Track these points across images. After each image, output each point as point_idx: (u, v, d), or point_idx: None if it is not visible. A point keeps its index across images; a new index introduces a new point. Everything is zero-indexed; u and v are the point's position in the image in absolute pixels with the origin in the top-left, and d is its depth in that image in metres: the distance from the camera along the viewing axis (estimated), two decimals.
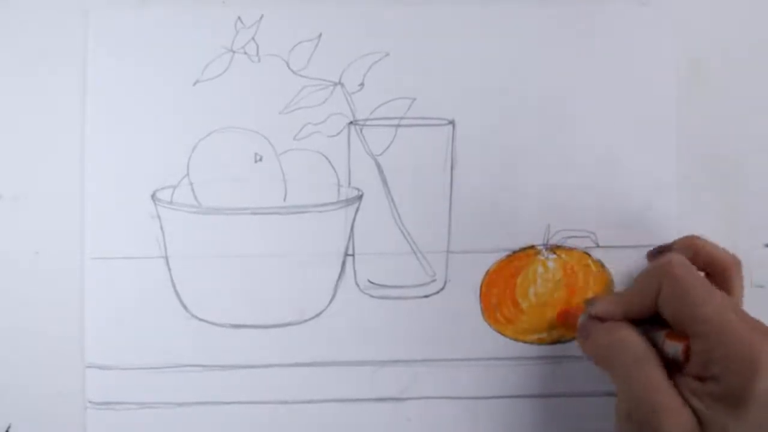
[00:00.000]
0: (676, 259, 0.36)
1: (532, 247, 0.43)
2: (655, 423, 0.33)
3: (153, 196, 0.43)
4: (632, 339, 0.36)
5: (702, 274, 0.37)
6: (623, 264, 0.43)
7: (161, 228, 0.42)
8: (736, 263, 0.38)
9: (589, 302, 0.39)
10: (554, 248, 0.43)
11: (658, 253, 0.41)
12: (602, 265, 0.43)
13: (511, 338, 0.43)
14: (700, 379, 0.33)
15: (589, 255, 0.43)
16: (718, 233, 0.43)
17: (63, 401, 0.42)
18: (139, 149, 0.43)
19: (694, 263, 0.36)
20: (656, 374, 0.34)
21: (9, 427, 0.42)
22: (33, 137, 0.43)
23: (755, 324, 0.33)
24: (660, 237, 0.43)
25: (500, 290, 0.43)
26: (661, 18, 0.44)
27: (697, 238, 0.39)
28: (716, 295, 0.34)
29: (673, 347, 0.35)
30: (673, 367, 0.35)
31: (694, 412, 0.33)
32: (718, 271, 0.38)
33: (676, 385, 0.34)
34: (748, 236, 0.44)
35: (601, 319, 0.38)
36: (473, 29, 0.43)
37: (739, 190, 0.44)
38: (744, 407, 0.32)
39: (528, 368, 0.43)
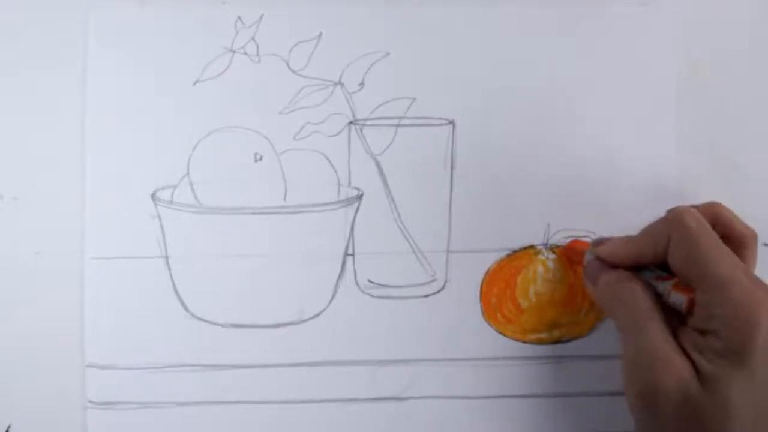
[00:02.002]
0: (689, 211, 0.36)
1: (532, 246, 0.43)
2: (655, 374, 0.34)
3: (153, 196, 0.43)
4: (637, 292, 0.36)
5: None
6: None
7: (161, 228, 0.42)
8: (754, 236, 0.38)
9: (596, 242, 0.40)
10: (554, 248, 0.43)
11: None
12: None
13: (511, 338, 0.43)
14: (702, 333, 0.34)
15: None
16: None
17: (63, 401, 0.42)
18: (139, 149, 0.43)
19: (712, 228, 0.36)
20: (659, 328, 0.35)
21: (9, 427, 0.42)
22: (33, 137, 0.43)
23: (761, 284, 0.34)
24: None
25: (500, 290, 0.43)
26: (661, 18, 0.44)
27: (719, 204, 0.39)
28: (726, 252, 0.34)
29: (679, 298, 0.35)
30: (675, 322, 0.35)
31: (694, 365, 0.33)
32: (735, 240, 0.37)
33: (677, 338, 0.35)
34: None
35: (606, 262, 0.38)
36: (473, 29, 0.43)
37: (738, 189, 0.44)
38: (744, 364, 0.32)
39: (528, 368, 0.43)
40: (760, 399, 0.32)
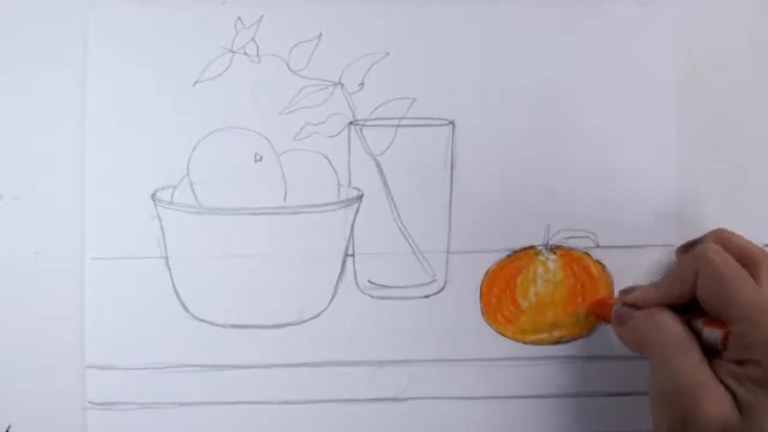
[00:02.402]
0: (713, 248, 0.36)
1: (532, 247, 0.43)
2: (694, 406, 0.33)
3: (153, 196, 0.43)
4: (672, 323, 0.36)
5: None
6: (623, 264, 0.43)
7: (161, 228, 0.42)
8: (765, 255, 0.38)
9: (624, 291, 0.40)
10: (554, 248, 0.43)
11: (687, 247, 0.41)
12: (602, 265, 0.43)
13: (511, 338, 0.43)
14: (740, 363, 0.34)
15: (589, 255, 0.43)
16: None
17: (63, 401, 0.42)
18: (139, 149, 0.43)
19: None
20: (697, 356, 0.35)
21: (9, 427, 0.42)
22: (33, 137, 0.43)
23: None
24: (660, 237, 0.43)
25: (500, 290, 0.43)
26: (661, 18, 0.44)
27: (726, 230, 0.39)
28: (751, 281, 0.35)
29: (712, 333, 0.35)
30: (710, 354, 0.35)
31: (733, 395, 0.33)
32: (748, 263, 0.37)
33: (714, 370, 0.34)
34: (748, 235, 0.44)
35: (636, 307, 0.38)
36: (473, 29, 0.43)
37: (739, 189, 0.44)
38: None
39: (528, 369, 0.43)
40: None
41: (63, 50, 0.43)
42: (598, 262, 0.43)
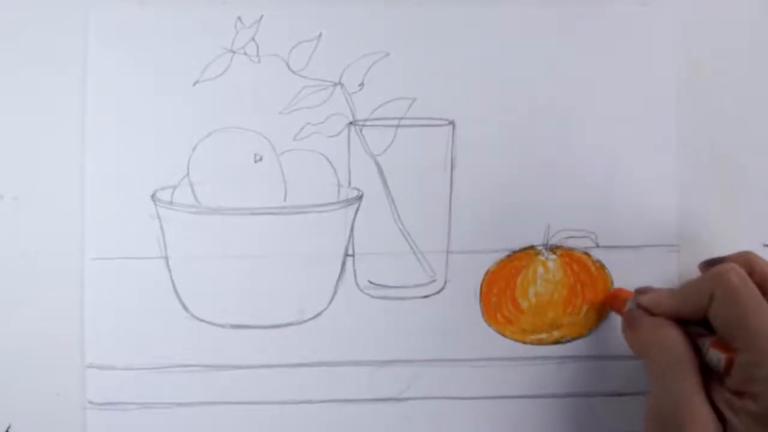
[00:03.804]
0: (734, 269, 0.35)
1: (532, 247, 0.43)
2: (678, 426, 0.33)
3: (153, 197, 0.43)
4: (676, 340, 0.35)
5: None
6: (623, 264, 0.43)
7: (161, 228, 0.42)
8: None
9: (640, 290, 0.39)
10: (554, 248, 0.43)
11: (711, 264, 0.40)
12: (602, 265, 0.43)
13: (510, 339, 0.43)
14: (739, 393, 0.33)
15: (589, 255, 0.43)
16: (719, 233, 0.44)
17: (63, 401, 0.42)
18: (139, 149, 0.43)
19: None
20: (692, 381, 0.34)
21: (9, 427, 0.42)
22: (33, 137, 0.43)
23: None
24: (660, 237, 0.43)
25: (500, 290, 0.43)
26: (661, 18, 0.44)
27: (753, 254, 0.38)
28: None
29: (717, 356, 0.34)
30: (712, 376, 0.34)
31: (727, 425, 0.33)
32: None
33: (711, 395, 0.34)
34: (748, 236, 0.44)
35: (649, 311, 0.38)
36: (473, 29, 0.43)
37: (739, 189, 0.44)
38: None
39: (528, 369, 0.43)
40: None
41: (63, 50, 0.43)
42: (598, 262, 0.43)
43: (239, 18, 0.43)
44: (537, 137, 0.43)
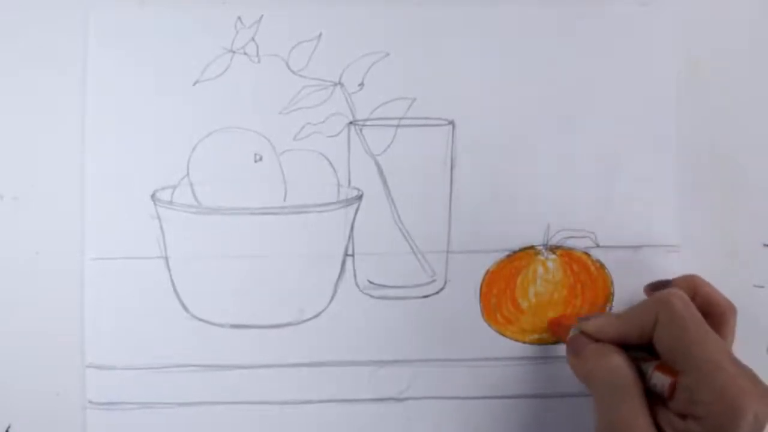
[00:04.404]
0: (677, 294, 0.36)
1: (532, 247, 0.43)
2: None
3: (153, 196, 0.43)
4: (620, 365, 0.35)
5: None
6: (623, 264, 0.43)
7: (161, 228, 0.42)
8: (732, 309, 0.38)
9: (583, 319, 0.39)
10: (554, 248, 0.43)
11: (656, 287, 0.41)
12: (602, 265, 0.43)
13: (510, 338, 0.43)
14: (683, 416, 0.33)
15: (589, 255, 0.43)
16: (718, 233, 0.44)
17: (63, 401, 0.42)
18: (139, 149, 0.43)
19: (691, 300, 0.36)
20: (637, 404, 0.34)
21: (9, 427, 0.43)
22: (33, 137, 0.43)
23: (745, 371, 0.33)
24: (660, 237, 0.43)
25: (500, 290, 0.43)
26: (661, 18, 0.44)
27: (698, 277, 0.39)
28: (711, 336, 0.34)
29: (661, 380, 0.34)
30: (657, 400, 0.35)
31: None
32: (714, 313, 0.38)
33: (656, 418, 0.34)
34: (748, 236, 0.44)
35: (592, 338, 0.38)
36: (473, 29, 0.43)
37: (738, 189, 0.44)
38: None
39: (528, 368, 0.43)
40: None
41: (63, 50, 0.43)
42: (598, 262, 0.43)
43: (239, 18, 0.43)
44: (537, 137, 0.43)
